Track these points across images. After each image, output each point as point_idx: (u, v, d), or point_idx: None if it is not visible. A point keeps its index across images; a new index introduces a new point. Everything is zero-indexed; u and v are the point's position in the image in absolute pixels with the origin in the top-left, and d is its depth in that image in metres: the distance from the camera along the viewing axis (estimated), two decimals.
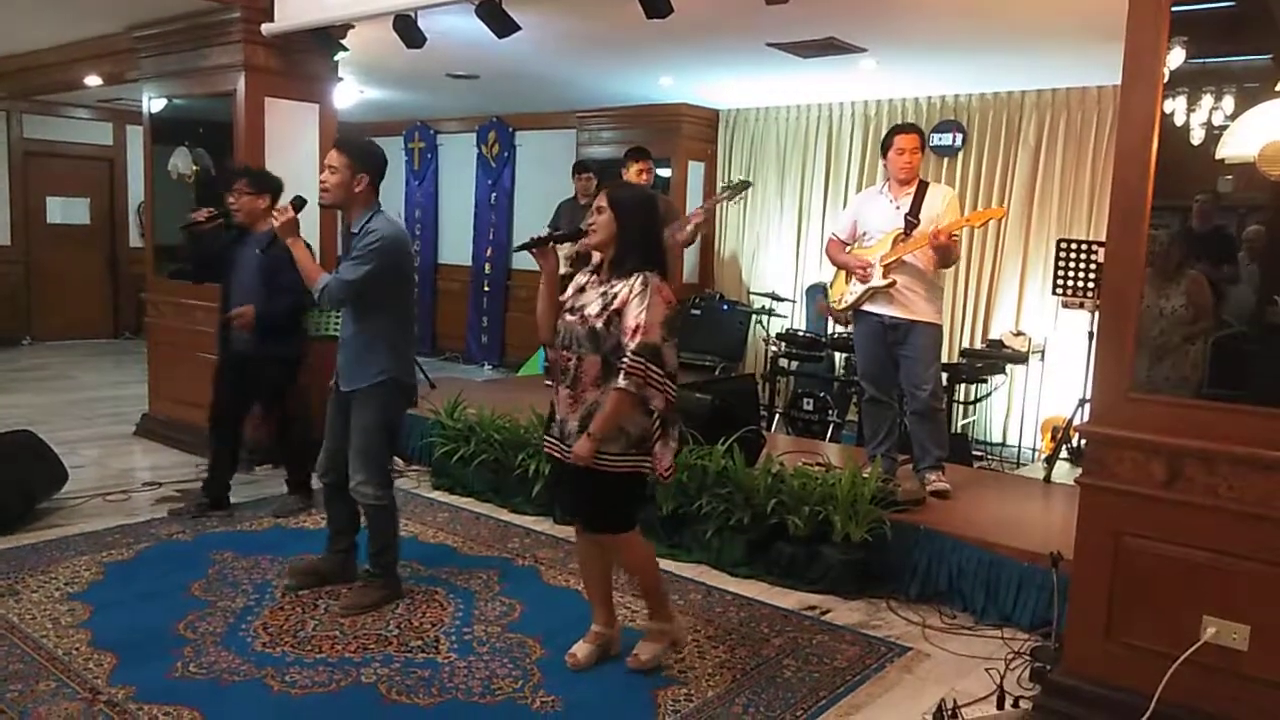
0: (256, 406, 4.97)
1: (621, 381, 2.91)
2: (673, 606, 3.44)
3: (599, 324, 2.99)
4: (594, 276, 3.13)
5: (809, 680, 3.28)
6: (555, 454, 3.17)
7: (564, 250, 6.76)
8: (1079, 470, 3.16)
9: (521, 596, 3.91)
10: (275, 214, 3.65)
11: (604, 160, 8.12)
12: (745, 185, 5.89)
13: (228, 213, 4.70)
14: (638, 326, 2.92)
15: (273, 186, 4.73)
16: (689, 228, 5.73)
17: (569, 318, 3.08)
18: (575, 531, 3.37)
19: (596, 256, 3.17)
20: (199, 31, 5.77)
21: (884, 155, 4.61)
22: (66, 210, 10.71)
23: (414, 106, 9.91)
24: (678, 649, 3.38)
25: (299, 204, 3.68)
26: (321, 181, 3.58)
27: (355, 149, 3.63)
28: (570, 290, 3.16)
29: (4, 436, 4.74)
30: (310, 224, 5.95)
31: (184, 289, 6.24)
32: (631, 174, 5.77)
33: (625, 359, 2.92)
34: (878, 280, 4.47)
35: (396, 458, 5.87)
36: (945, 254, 4.40)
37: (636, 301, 2.94)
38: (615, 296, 2.98)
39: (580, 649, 3.29)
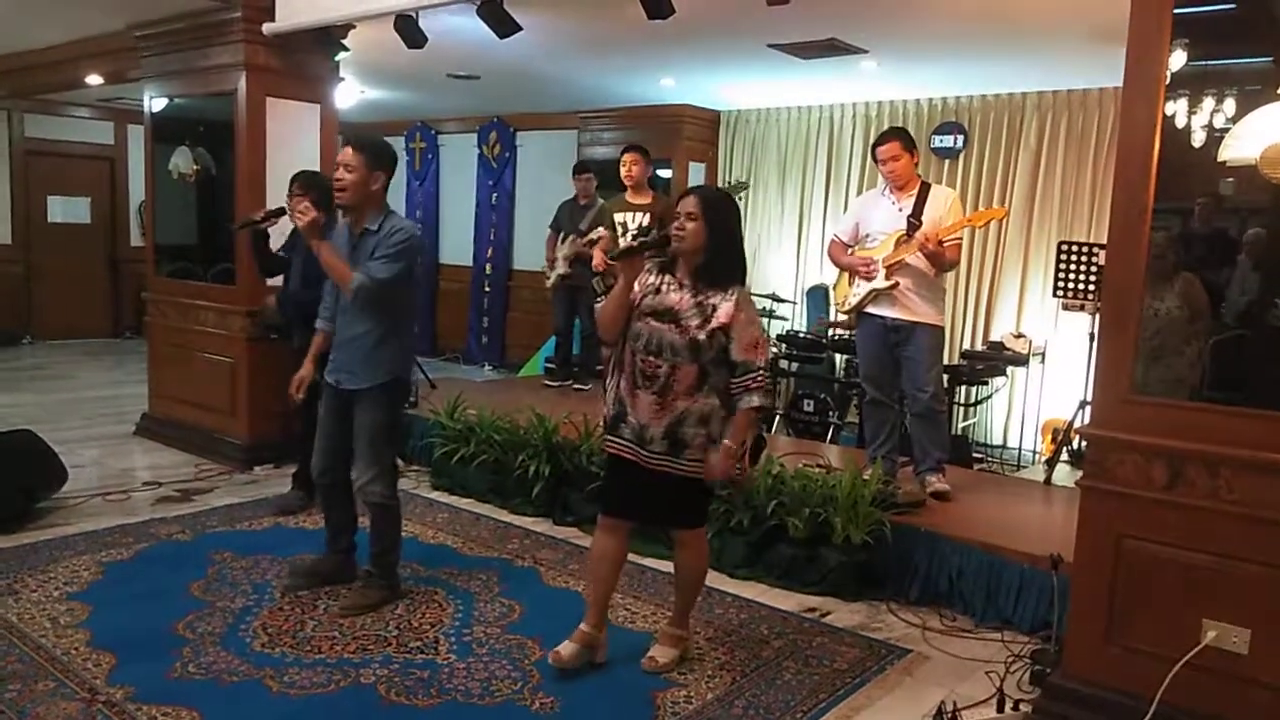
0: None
1: (757, 400, 3.04)
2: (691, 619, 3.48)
3: (702, 336, 3.02)
4: (667, 277, 3.11)
5: (809, 682, 3.27)
6: (628, 456, 3.12)
7: (563, 251, 6.82)
8: (1079, 473, 3.16)
9: (521, 598, 3.91)
10: (298, 214, 3.56)
11: (605, 161, 8.11)
12: (743, 186, 5.88)
13: (284, 210, 4.75)
14: (755, 344, 3.02)
15: (320, 186, 4.72)
16: None
17: (656, 323, 3.05)
18: (600, 529, 3.29)
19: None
20: (200, 31, 5.77)
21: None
22: (67, 209, 10.71)
23: (415, 107, 9.91)
24: (685, 659, 3.36)
25: (324, 202, 3.65)
26: (338, 180, 3.51)
27: (371, 147, 3.59)
28: (638, 290, 3.12)
29: (4, 436, 4.74)
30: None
31: (185, 289, 6.26)
32: (622, 165, 5.82)
33: (757, 375, 3.03)
34: (880, 282, 4.47)
35: (398, 458, 5.90)
36: (937, 261, 4.39)
37: (745, 319, 3.03)
38: (715, 309, 3.02)
39: (566, 648, 3.24)
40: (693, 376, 3.03)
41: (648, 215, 5.86)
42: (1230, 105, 2.75)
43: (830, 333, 7.07)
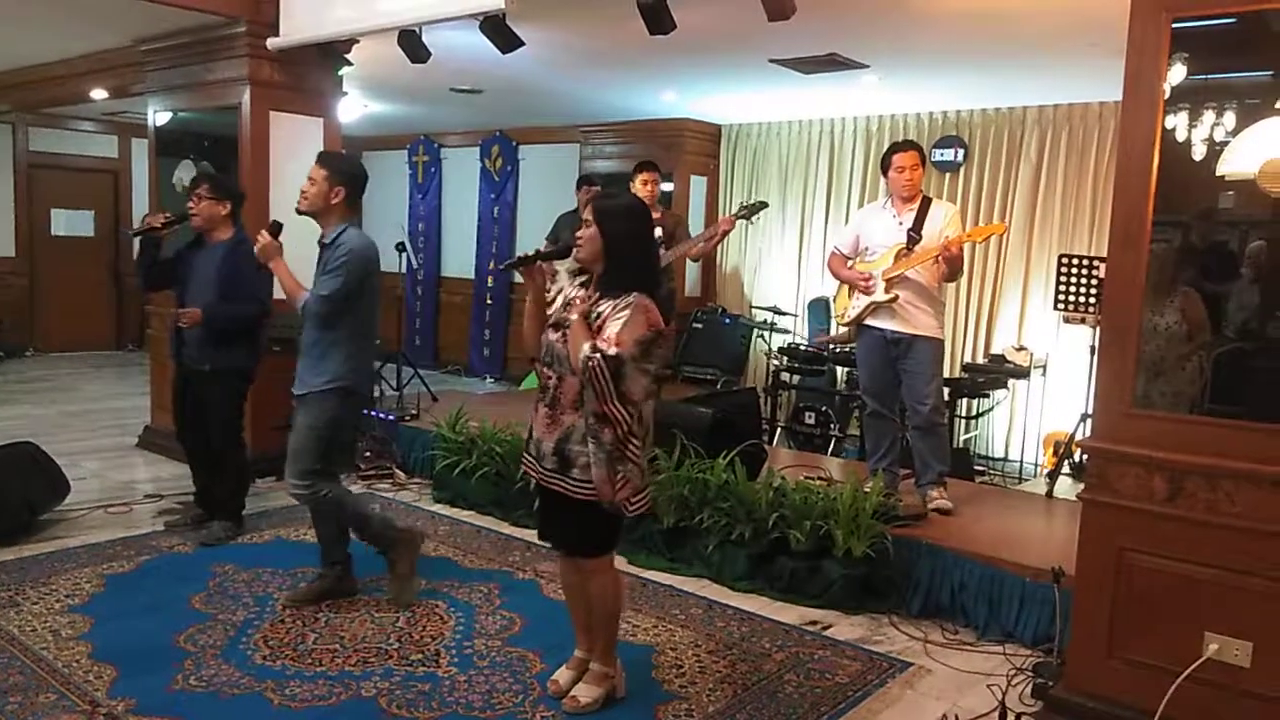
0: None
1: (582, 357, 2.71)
2: (618, 657, 3.22)
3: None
4: (584, 291, 2.99)
5: (810, 696, 3.27)
6: (534, 474, 3.04)
7: (566, 265, 6.82)
8: (1081, 485, 3.16)
9: (522, 610, 3.90)
10: (257, 240, 3.80)
11: (607, 174, 8.13)
12: (762, 206, 5.89)
13: (185, 217, 4.60)
14: (607, 339, 2.76)
15: (233, 194, 4.68)
16: (699, 246, 5.75)
17: (551, 335, 2.96)
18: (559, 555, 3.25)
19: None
20: (204, 45, 5.81)
21: (884, 174, 4.64)
22: (71, 222, 10.75)
23: (418, 120, 9.95)
24: (616, 697, 3.16)
25: (276, 228, 3.85)
26: (302, 191, 3.74)
27: (334, 162, 3.81)
28: (559, 303, 3.03)
29: (6, 448, 4.75)
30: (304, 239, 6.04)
31: None
32: (636, 185, 5.80)
33: (595, 356, 2.70)
34: (880, 295, 4.48)
35: (398, 469, 5.90)
36: (954, 266, 4.41)
37: (613, 315, 2.80)
38: (599, 316, 2.85)
39: (563, 675, 3.19)
40: (576, 390, 2.84)
41: (659, 229, 5.88)
42: (1230, 119, 2.76)
43: (830, 345, 7.07)
